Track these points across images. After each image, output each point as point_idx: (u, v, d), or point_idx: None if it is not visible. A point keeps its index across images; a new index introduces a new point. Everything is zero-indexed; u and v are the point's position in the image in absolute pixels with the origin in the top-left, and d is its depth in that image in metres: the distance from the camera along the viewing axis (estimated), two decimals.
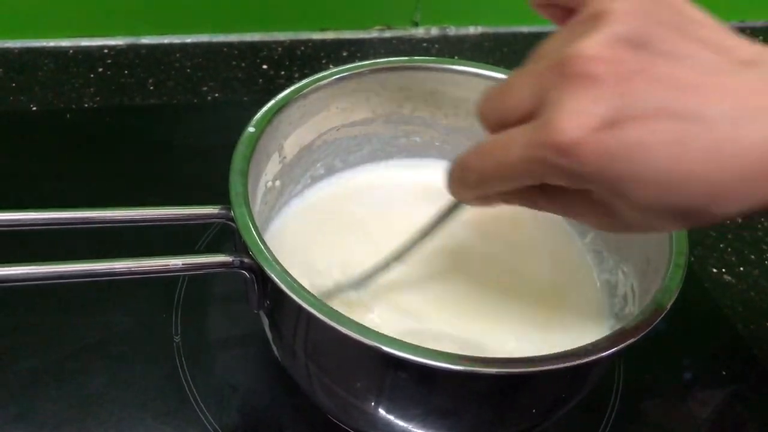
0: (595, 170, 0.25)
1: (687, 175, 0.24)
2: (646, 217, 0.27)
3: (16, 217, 0.35)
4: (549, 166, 0.26)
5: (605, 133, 0.24)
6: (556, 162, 0.25)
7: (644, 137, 0.24)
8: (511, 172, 0.28)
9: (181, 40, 0.73)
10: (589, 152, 0.24)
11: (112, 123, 0.63)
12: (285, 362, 0.40)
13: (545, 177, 0.27)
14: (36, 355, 0.44)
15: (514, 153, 0.27)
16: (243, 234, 0.34)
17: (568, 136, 0.24)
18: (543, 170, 0.26)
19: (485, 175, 0.29)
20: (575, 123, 0.24)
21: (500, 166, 0.28)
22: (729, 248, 0.59)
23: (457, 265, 0.46)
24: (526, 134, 0.27)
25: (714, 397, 0.49)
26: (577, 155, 0.25)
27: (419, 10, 0.77)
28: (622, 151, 0.24)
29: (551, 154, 0.25)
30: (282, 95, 0.42)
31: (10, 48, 0.69)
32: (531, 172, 0.27)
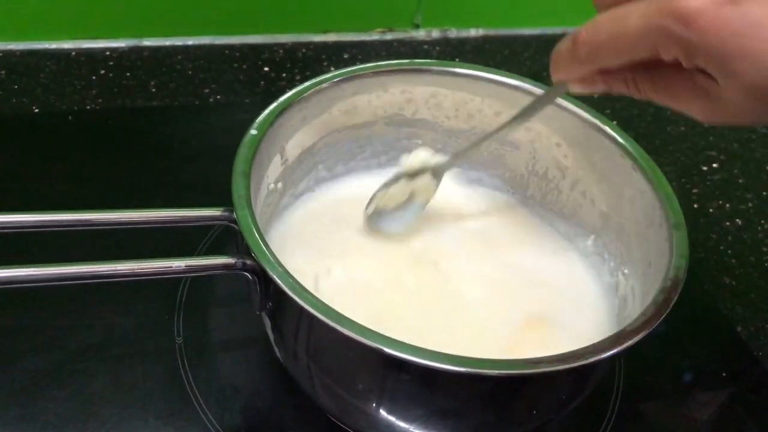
0: (714, 43, 0.26)
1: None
2: (749, 100, 0.27)
3: (19, 219, 0.35)
4: (668, 36, 0.26)
5: (728, 7, 0.25)
6: (677, 31, 0.26)
7: (765, 15, 0.25)
8: (628, 41, 0.28)
9: (183, 42, 0.73)
10: (711, 23, 0.25)
11: (115, 125, 0.63)
12: (287, 363, 0.41)
13: (662, 48, 0.27)
14: (39, 356, 0.45)
15: (633, 22, 0.28)
16: (245, 236, 0.34)
17: (692, 5, 0.25)
18: (662, 40, 0.27)
19: (600, 45, 0.30)
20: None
21: (617, 36, 0.29)
22: (729, 250, 0.59)
23: (460, 264, 0.47)
24: (648, 4, 0.27)
25: (714, 398, 0.49)
26: (699, 25, 0.25)
27: (420, 12, 0.77)
28: (742, 26, 0.25)
29: (673, 22, 0.26)
30: (283, 98, 0.43)
31: (12, 50, 0.69)
32: (649, 42, 0.28)
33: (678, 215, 0.39)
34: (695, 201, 0.63)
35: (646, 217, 0.41)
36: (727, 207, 0.63)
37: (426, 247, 0.47)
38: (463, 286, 0.46)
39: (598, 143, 0.45)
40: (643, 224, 0.42)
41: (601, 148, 0.44)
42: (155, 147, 0.61)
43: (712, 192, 0.64)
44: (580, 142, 0.46)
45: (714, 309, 0.54)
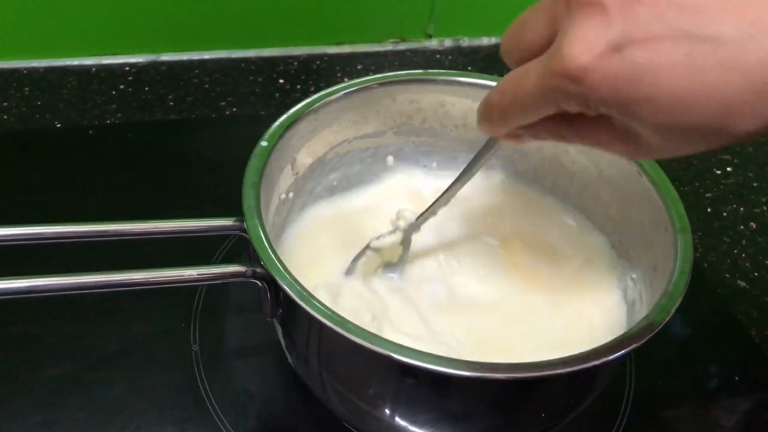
0: (606, 94, 0.26)
1: (698, 94, 0.25)
2: (665, 139, 0.27)
3: (40, 231, 0.36)
4: (562, 94, 0.27)
5: (612, 57, 0.25)
6: (568, 88, 0.26)
7: (651, 58, 0.25)
8: (529, 103, 0.29)
9: (199, 57, 0.75)
10: (598, 77, 0.25)
11: (134, 138, 0.65)
12: (299, 369, 0.41)
13: (561, 105, 0.28)
14: (59, 364, 0.46)
15: (529, 85, 0.28)
16: (255, 245, 0.35)
17: (576, 62, 0.26)
18: (557, 98, 0.27)
19: (506, 109, 0.30)
20: (582, 49, 0.25)
21: (518, 99, 0.29)
22: (743, 254, 0.59)
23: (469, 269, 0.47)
24: (540, 66, 0.28)
25: (727, 402, 0.49)
26: (587, 80, 0.26)
27: (433, 22, 0.78)
28: (630, 73, 0.25)
29: (562, 81, 0.26)
30: (293, 110, 0.44)
31: (35, 67, 0.71)
32: (547, 102, 0.28)
33: (683, 220, 0.39)
34: (708, 205, 0.63)
35: (652, 222, 0.42)
36: (741, 210, 0.63)
37: (435, 248, 0.48)
38: (472, 291, 0.46)
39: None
40: (650, 229, 0.42)
41: (608, 154, 0.45)
42: (173, 159, 0.63)
43: (726, 196, 0.64)
44: (587, 148, 0.46)
45: (727, 313, 0.54)
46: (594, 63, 0.25)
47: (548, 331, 0.43)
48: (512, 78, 0.30)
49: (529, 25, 0.29)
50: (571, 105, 0.28)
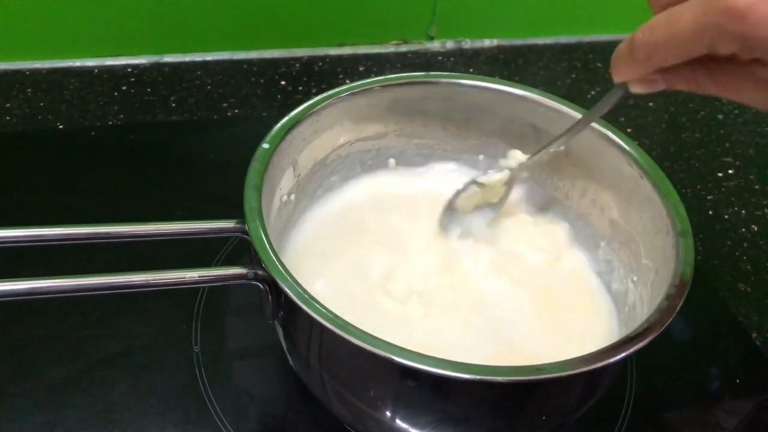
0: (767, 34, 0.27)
1: None
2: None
3: (42, 232, 0.37)
4: (723, 32, 0.28)
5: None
6: (731, 27, 0.27)
7: None
8: (684, 40, 0.29)
9: (202, 58, 0.75)
10: (761, 16, 0.26)
11: (136, 139, 0.65)
12: (300, 371, 0.41)
13: (717, 44, 0.29)
14: (61, 365, 0.46)
15: (687, 21, 0.29)
16: (256, 247, 0.35)
17: (743, 1, 0.26)
18: (716, 36, 0.28)
19: (657, 46, 0.31)
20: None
21: (672, 36, 0.30)
22: (744, 257, 0.59)
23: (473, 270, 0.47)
24: (699, 3, 0.28)
25: (728, 405, 0.49)
26: (750, 19, 0.26)
27: (435, 24, 0.78)
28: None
29: (726, 19, 0.27)
30: (295, 112, 0.44)
31: (38, 68, 0.72)
32: (704, 40, 0.29)
33: (684, 222, 0.39)
34: (710, 208, 0.63)
35: (653, 225, 0.42)
36: (742, 213, 0.63)
37: (435, 250, 0.48)
38: (476, 292, 0.46)
39: (605, 152, 0.45)
40: (651, 232, 0.42)
41: (609, 157, 0.45)
42: (175, 161, 0.63)
43: (727, 198, 0.64)
44: (588, 150, 0.46)
45: (729, 316, 0.54)
46: (759, 2, 0.26)
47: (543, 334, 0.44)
48: (664, 17, 0.30)
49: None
50: (727, 46, 0.28)
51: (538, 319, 0.44)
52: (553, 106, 0.47)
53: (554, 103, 0.47)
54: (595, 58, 0.80)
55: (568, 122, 0.46)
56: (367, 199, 0.51)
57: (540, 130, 0.48)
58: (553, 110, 0.47)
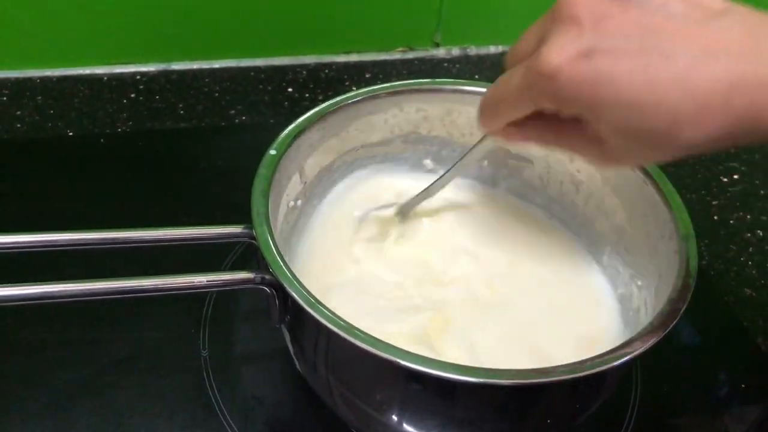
0: (573, 93, 0.30)
1: (650, 100, 0.29)
2: (626, 142, 0.31)
3: (52, 238, 0.37)
4: (539, 92, 0.31)
5: (581, 62, 0.29)
6: (543, 86, 0.31)
7: (613, 66, 0.29)
8: (512, 98, 0.33)
9: (209, 66, 0.75)
10: (567, 78, 0.30)
11: (144, 146, 0.65)
12: (306, 375, 0.42)
13: (538, 102, 0.32)
14: (71, 369, 0.46)
15: (514, 81, 0.33)
16: (263, 252, 0.36)
17: (551, 63, 0.30)
18: (534, 96, 0.32)
19: (496, 103, 0.35)
20: (556, 54, 0.30)
21: (504, 94, 0.34)
22: (749, 262, 0.59)
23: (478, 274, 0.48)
24: (523, 66, 0.32)
25: (733, 410, 0.49)
26: (558, 79, 0.30)
27: (440, 31, 0.79)
28: (594, 77, 0.29)
29: (538, 79, 0.31)
30: (302, 118, 0.44)
31: (48, 76, 0.72)
32: (526, 97, 0.33)
33: (688, 227, 0.40)
34: (715, 213, 0.63)
35: (657, 230, 0.42)
36: (747, 218, 0.63)
37: (439, 256, 0.48)
38: (480, 295, 0.47)
39: None
40: (655, 236, 0.42)
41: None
42: (183, 167, 0.63)
43: (733, 203, 0.64)
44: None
45: (734, 320, 0.54)
46: (565, 65, 0.30)
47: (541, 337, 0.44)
48: (503, 77, 0.35)
49: (525, 38, 0.34)
50: (544, 101, 0.32)
51: (543, 323, 0.45)
52: None
53: None
54: None
55: None
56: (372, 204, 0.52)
57: None
58: None
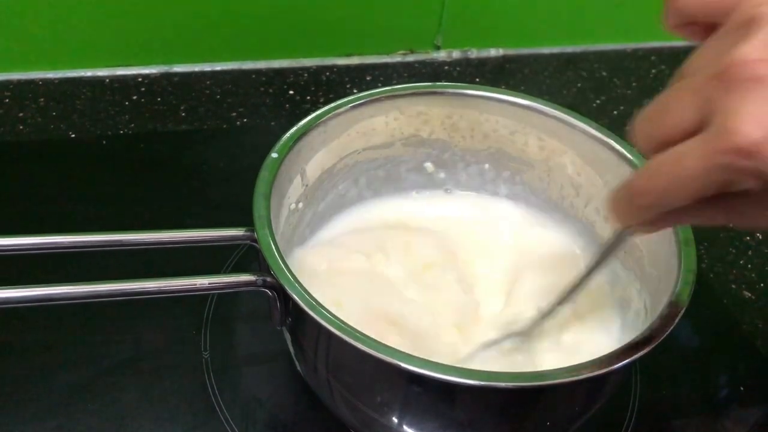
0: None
1: None
2: None
3: (54, 240, 0.37)
4: (734, 171, 0.26)
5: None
6: (742, 165, 0.26)
7: None
8: (691, 183, 0.28)
9: (211, 68, 0.76)
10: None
11: (146, 148, 0.66)
12: (307, 377, 0.42)
13: (733, 182, 0.27)
14: (73, 371, 0.47)
15: (692, 165, 0.27)
16: (265, 254, 0.36)
17: (751, 137, 0.25)
18: (727, 176, 0.27)
19: (661, 192, 0.29)
20: (754, 124, 0.25)
21: (678, 181, 0.28)
22: (749, 264, 0.59)
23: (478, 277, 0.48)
24: (702, 145, 0.27)
25: (732, 413, 0.49)
26: (762, 154, 0.25)
27: (441, 34, 0.79)
28: None
29: (735, 158, 0.26)
30: (303, 122, 0.44)
31: (50, 78, 0.73)
32: (713, 182, 0.27)
33: (687, 231, 0.40)
34: None
35: (656, 233, 0.42)
36: None
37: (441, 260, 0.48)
38: (481, 301, 0.47)
39: (609, 161, 0.46)
40: (654, 240, 0.42)
41: (613, 166, 0.45)
42: (185, 169, 0.64)
43: None
44: (592, 160, 0.47)
45: (733, 323, 0.54)
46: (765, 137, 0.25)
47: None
48: (664, 160, 0.28)
49: (673, 107, 0.28)
50: (743, 182, 0.27)
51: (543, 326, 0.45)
52: (559, 115, 0.47)
53: (559, 112, 0.47)
54: (600, 67, 0.81)
55: (571, 130, 0.47)
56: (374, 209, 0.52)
57: (545, 140, 0.49)
58: (559, 120, 0.47)
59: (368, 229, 0.50)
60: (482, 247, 0.50)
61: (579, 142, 0.47)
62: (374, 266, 0.47)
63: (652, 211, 0.30)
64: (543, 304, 0.42)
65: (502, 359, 0.42)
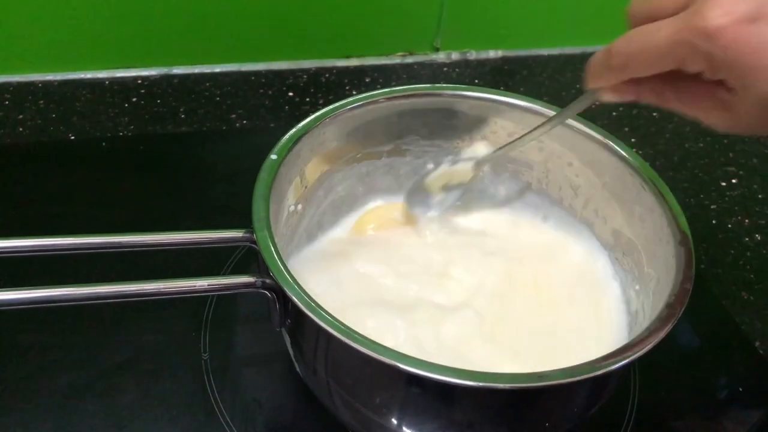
0: (734, 57, 0.29)
1: None
2: (762, 111, 0.30)
3: (54, 242, 0.37)
4: (694, 50, 0.29)
5: (747, 26, 0.28)
6: (701, 45, 0.29)
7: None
8: (658, 53, 0.31)
9: (210, 70, 0.76)
10: (731, 40, 0.28)
11: (146, 150, 0.66)
12: (306, 378, 0.42)
13: (687, 61, 0.30)
14: (73, 372, 0.47)
15: (663, 36, 0.31)
16: (264, 256, 0.36)
17: (715, 22, 0.28)
18: (688, 53, 0.30)
19: (632, 56, 0.33)
20: (722, 12, 0.28)
21: (648, 48, 0.32)
22: (747, 266, 0.59)
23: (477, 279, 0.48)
24: (676, 21, 0.30)
25: (731, 413, 0.49)
26: (721, 41, 0.28)
27: (440, 35, 0.79)
28: (758, 43, 0.28)
29: (697, 37, 0.29)
30: (302, 124, 0.44)
31: (50, 80, 0.73)
32: (676, 55, 0.31)
33: (685, 231, 0.40)
34: (713, 217, 0.64)
35: (655, 234, 0.42)
36: (745, 222, 0.63)
37: (442, 261, 0.48)
38: (479, 301, 0.47)
39: (608, 162, 0.46)
40: (653, 241, 0.42)
41: (611, 167, 0.46)
42: (184, 171, 0.64)
43: (731, 207, 0.65)
44: (591, 161, 0.47)
45: (732, 324, 0.54)
46: (730, 27, 0.28)
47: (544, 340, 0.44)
48: (642, 29, 0.32)
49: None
50: (696, 63, 0.30)
51: (542, 326, 0.45)
52: None
53: (551, 112, 0.47)
54: None
55: (569, 131, 0.47)
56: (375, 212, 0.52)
57: (543, 142, 0.49)
58: None
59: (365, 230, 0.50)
60: (480, 248, 0.50)
61: (578, 143, 0.47)
62: (365, 267, 0.47)
63: (621, 74, 0.34)
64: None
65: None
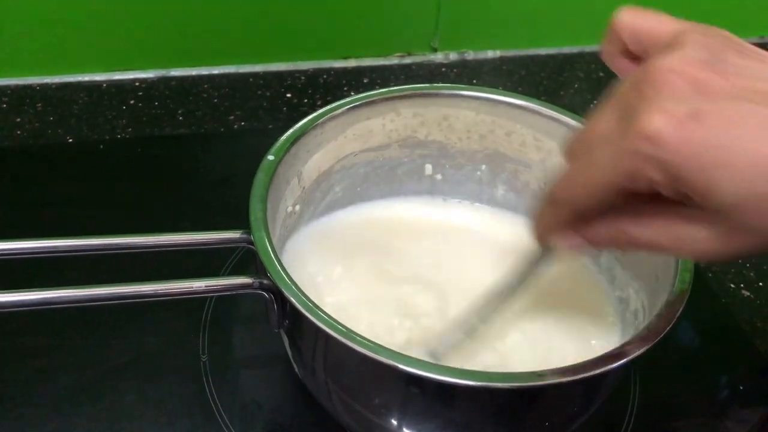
0: (686, 157, 0.25)
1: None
2: (740, 212, 0.26)
3: (52, 244, 0.37)
4: (642, 159, 0.26)
5: (690, 124, 0.25)
6: (649, 152, 0.26)
7: (727, 125, 0.25)
8: (604, 179, 0.28)
9: (208, 72, 0.76)
10: (678, 140, 0.25)
11: (144, 153, 0.66)
12: (305, 379, 0.42)
13: (639, 173, 0.27)
14: (71, 374, 0.47)
15: (602, 156, 0.28)
16: (262, 257, 0.36)
17: (656, 126, 0.25)
18: (636, 165, 0.26)
19: (577, 195, 0.30)
20: (660, 116, 0.26)
21: (593, 178, 0.29)
22: (747, 263, 0.59)
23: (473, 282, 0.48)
24: (613, 141, 0.27)
25: (732, 412, 0.49)
26: (667, 143, 0.25)
27: (438, 36, 0.79)
28: (708, 138, 0.25)
29: (642, 144, 0.26)
30: (299, 124, 0.44)
31: (48, 83, 0.73)
32: (623, 172, 0.27)
33: None
34: None
35: None
36: None
37: (441, 261, 0.48)
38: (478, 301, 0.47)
39: None
40: None
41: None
42: (182, 173, 0.64)
43: None
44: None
45: (732, 323, 0.54)
46: (673, 128, 0.25)
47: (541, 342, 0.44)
48: (581, 162, 0.29)
49: (598, 122, 0.29)
50: (648, 174, 0.26)
51: (541, 326, 0.45)
52: (556, 116, 0.47)
53: (556, 113, 0.47)
54: (597, 68, 0.81)
55: (568, 131, 0.47)
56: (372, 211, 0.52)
57: (542, 141, 0.49)
58: (555, 120, 0.47)
59: (363, 230, 0.50)
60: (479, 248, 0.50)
61: None
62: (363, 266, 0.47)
63: (567, 210, 0.31)
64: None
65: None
